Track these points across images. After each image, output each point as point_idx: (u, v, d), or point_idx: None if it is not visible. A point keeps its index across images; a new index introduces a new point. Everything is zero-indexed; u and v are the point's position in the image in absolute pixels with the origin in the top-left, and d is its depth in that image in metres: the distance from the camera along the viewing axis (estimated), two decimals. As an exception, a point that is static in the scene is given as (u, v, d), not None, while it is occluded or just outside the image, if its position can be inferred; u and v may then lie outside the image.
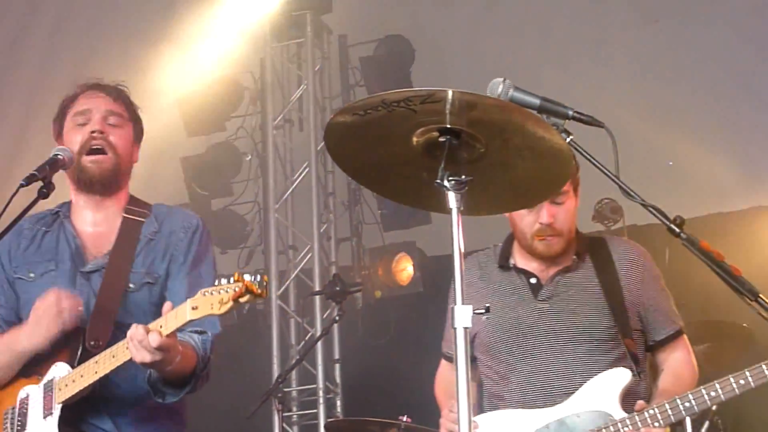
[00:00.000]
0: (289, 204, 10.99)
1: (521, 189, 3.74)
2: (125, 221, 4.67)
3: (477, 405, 4.98)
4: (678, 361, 5.01)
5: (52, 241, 4.70)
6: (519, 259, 5.10)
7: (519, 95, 3.51)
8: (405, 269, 10.32)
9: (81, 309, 4.38)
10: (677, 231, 3.29)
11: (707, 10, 10.03)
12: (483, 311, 3.34)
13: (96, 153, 4.59)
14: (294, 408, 10.37)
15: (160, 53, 10.70)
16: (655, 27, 10.29)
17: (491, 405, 4.98)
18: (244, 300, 3.88)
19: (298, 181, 10.87)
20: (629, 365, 4.76)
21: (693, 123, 9.89)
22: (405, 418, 6.67)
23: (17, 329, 4.48)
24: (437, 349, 5.38)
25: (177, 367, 4.23)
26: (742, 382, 4.49)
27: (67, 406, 4.32)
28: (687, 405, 4.57)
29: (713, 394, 4.53)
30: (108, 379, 4.31)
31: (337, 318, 7.83)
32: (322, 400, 10.18)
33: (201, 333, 4.45)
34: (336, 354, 10.38)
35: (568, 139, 3.44)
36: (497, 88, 3.52)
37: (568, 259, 5.01)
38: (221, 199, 11.13)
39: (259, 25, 10.96)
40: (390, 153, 3.54)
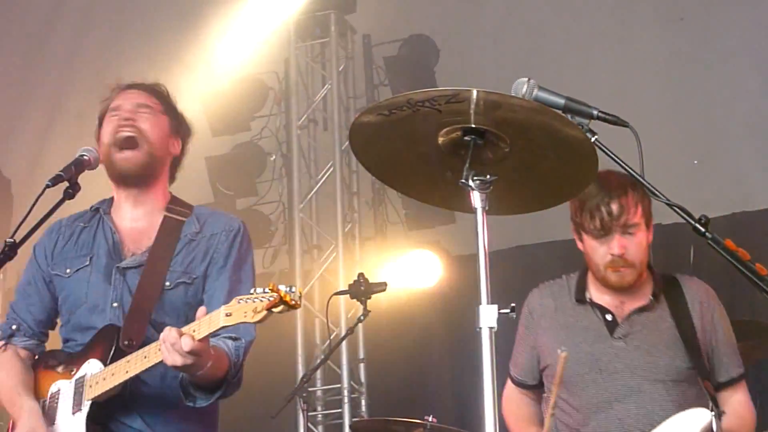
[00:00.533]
0: (314, 204, 10.99)
1: (546, 189, 3.74)
2: (166, 219, 4.68)
3: None
4: (740, 404, 5.03)
5: (89, 236, 4.71)
6: (594, 293, 5.09)
7: (544, 95, 3.51)
8: (429, 269, 10.30)
9: None
10: (702, 230, 3.29)
11: (732, 7, 10.00)
12: (508, 311, 3.34)
13: (127, 146, 4.60)
14: (319, 408, 10.36)
15: (184, 53, 10.72)
16: (680, 25, 10.25)
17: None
18: (277, 310, 3.89)
19: (322, 181, 10.86)
20: (708, 406, 4.73)
21: (718, 122, 9.86)
22: (431, 418, 6.65)
23: (23, 404, 4.50)
24: (462, 349, 5.36)
25: (208, 372, 4.23)
26: None
27: (97, 403, 4.34)
28: None
29: None
30: (140, 378, 4.34)
31: (362, 318, 7.82)
32: (347, 399, 10.17)
33: (235, 339, 4.45)
34: (361, 353, 10.37)
35: (593, 139, 3.43)
36: (522, 87, 3.51)
37: (644, 298, 5.03)
38: (246, 199, 11.14)
39: (284, 25, 10.96)
40: (414, 153, 3.55)
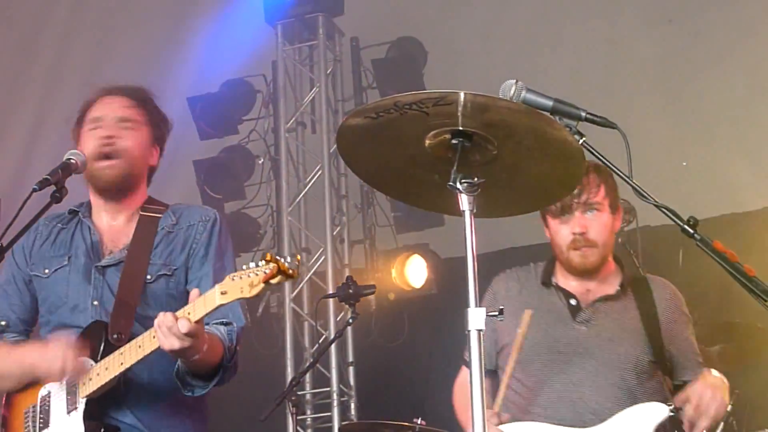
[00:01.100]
0: (302, 207, 10.98)
1: (534, 190, 3.74)
2: (142, 218, 4.71)
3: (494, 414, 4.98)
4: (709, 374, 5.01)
5: (66, 237, 4.74)
6: (560, 278, 5.14)
7: (532, 97, 3.50)
8: (418, 271, 10.30)
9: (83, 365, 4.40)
10: (691, 232, 3.28)
11: (720, 9, 10.01)
12: (496, 314, 3.34)
13: (106, 159, 4.61)
14: (308, 411, 10.35)
15: (172, 56, 10.71)
16: (668, 27, 10.28)
17: (512, 417, 4.99)
18: (275, 281, 3.88)
19: (310, 184, 10.86)
20: (663, 400, 4.78)
21: (706, 123, 9.87)
22: (419, 420, 6.65)
23: (34, 353, 4.50)
24: (451, 352, 5.36)
25: (204, 357, 4.25)
26: None
27: (91, 400, 4.35)
28: None
29: None
30: (130, 374, 4.35)
31: (351, 320, 7.81)
32: (336, 403, 10.16)
33: (227, 324, 4.47)
34: (350, 357, 10.36)
35: (581, 141, 3.43)
36: (510, 90, 3.50)
37: (611, 288, 5.06)
38: (234, 202, 11.12)
39: (271, 28, 10.95)
40: (402, 156, 3.54)
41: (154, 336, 4.13)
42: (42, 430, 4.42)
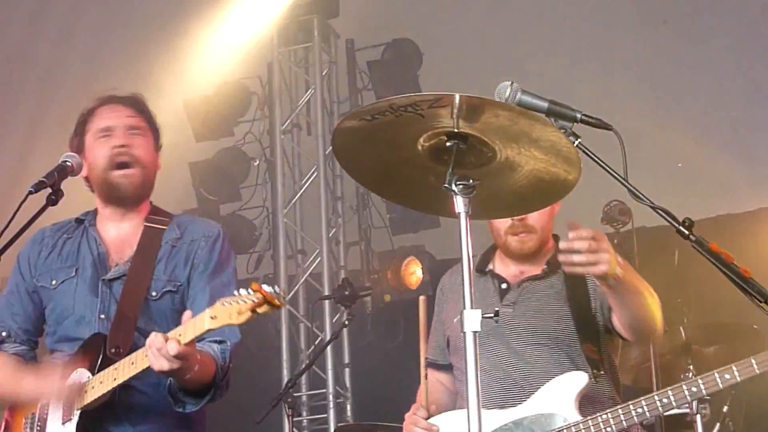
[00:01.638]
0: (298, 208, 10.99)
1: (530, 192, 3.73)
2: (146, 229, 4.69)
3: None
4: None
5: (73, 247, 4.73)
6: (498, 265, 5.15)
7: (527, 98, 3.49)
8: (414, 273, 10.31)
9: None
10: (686, 233, 3.28)
11: (715, 10, 10.03)
12: (491, 315, 3.35)
13: (124, 167, 4.61)
14: (304, 413, 10.36)
15: (167, 59, 10.71)
16: (663, 28, 10.29)
17: (459, 405, 5.01)
18: (261, 310, 3.90)
19: (306, 186, 10.87)
20: (586, 369, 4.78)
21: (701, 124, 9.89)
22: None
23: (28, 377, 4.50)
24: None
25: (196, 377, 4.25)
26: (694, 389, 4.57)
27: (86, 412, 4.34)
28: (639, 411, 4.61)
29: (665, 401, 4.59)
30: (130, 386, 4.35)
31: (347, 322, 7.82)
32: (332, 404, 10.17)
33: (220, 342, 4.46)
34: (346, 358, 10.38)
35: (576, 142, 3.43)
36: (505, 91, 3.50)
37: (539, 267, 5.04)
38: (230, 204, 11.13)
39: (266, 30, 10.96)
40: (398, 157, 3.54)
41: (146, 355, 4.14)
42: None
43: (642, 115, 9.61)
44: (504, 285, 5.03)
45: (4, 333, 4.73)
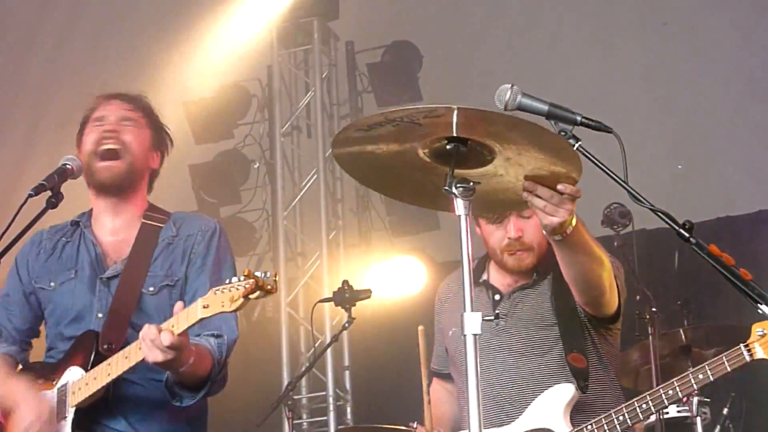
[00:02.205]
0: (298, 211, 10.98)
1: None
2: (143, 227, 4.69)
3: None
4: None
5: (72, 250, 4.72)
6: (493, 274, 5.11)
7: (527, 101, 3.49)
8: (414, 275, 10.30)
9: None
10: (686, 236, 3.28)
11: (715, 12, 10.03)
12: (492, 318, 3.34)
13: (109, 156, 4.60)
14: (304, 415, 10.35)
15: (167, 61, 10.71)
16: (663, 30, 10.29)
17: (462, 422, 5.01)
18: (254, 296, 3.90)
19: (306, 188, 10.86)
20: (571, 380, 4.76)
21: (701, 127, 9.89)
22: (415, 424, 6.63)
23: (18, 390, 4.50)
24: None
25: (191, 369, 4.25)
26: (670, 392, 4.57)
27: (81, 409, 4.35)
28: (621, 419, 4.59)
29: (644, 407, 4.57)
30: (126, 380, 4.35)
31: (347, 325, 7.81)
32: (332, 407, 10.16)
33: (218, 337, 4.46)
34: (346, 361, 10.37)
35: (576, 145, 3.42)
36: (505, 94, 3.49)
37: (529, 276, 5.02)
38: (229, 207, 11.12)
39: (266, 32, 10.96)
40: (400, 160, 3.54)
41: (140, 347, 4.13)
42: None
43: (642, 117, 9.62)
44: (497, 296, 5.01)
45: None
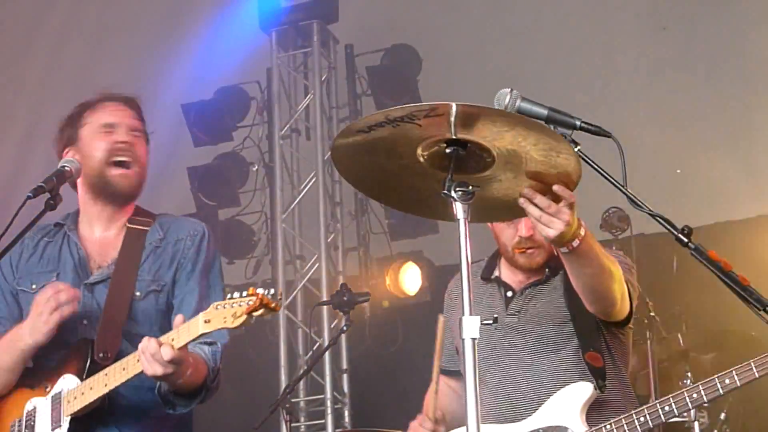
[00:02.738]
0: (297, 214, 10.97)
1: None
2: (129, 231, 4.67)
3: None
4: None
5: (54, 252, 4.69)
6: (504, 271, 5.09)
7: (526, 106, 3.49)
8: (413, 279, 10.30)
9: (79, 300, 4.41)
10: (685, 240, 3.28)
11: (714, 16, 10.03)
12: (491, 322, 3.33)
13: (123, 166, 4.60)
14: (302, 418, 10.33)
15: (166, 63, 10.71)
16: (663, 34, 10.29)
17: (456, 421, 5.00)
18: (257, 314, 3.89)
19: (305, 191, 10.85)
20: (590, 379, 4.74)
21: (700, 131, 9.89)
22: (413, 428, 6.63)
23: (18, 327, 4.48)
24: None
25: (188, 380, 4.24)
26: (695, 396, 4.58)
27: (75, 418, 4.32)
28: (642, 420, 4.59)
29: (667, 409, 4.57)
30: (115, 391, 4.31)
31: (345, 328, 7.81)
32: (330, 410, 10.15)
33: (211, 344, 4.45)
34: (344, 364, 10.36)
35: (575, 149, 3.42)
36: (505, 98, 3.50)
37: (541, 273, 5.01)
38: (228, 209, 11.11)
39: (266, 35, 10.95)
40: (398, 165, 3.54)
41: (138, 359, 4.12)
42: None
43: (641, 122, 9.62)
44: (509, 293, 4.99)
45: None
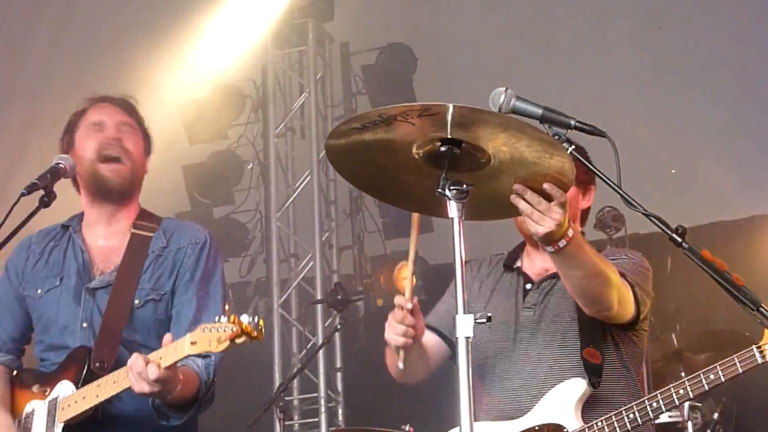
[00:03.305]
0: (291, 212, 10.98)
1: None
2: (133, 237, 4.64)
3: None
4: None
5: (59, 255, 4.68)
6: (526, 262, 5.04)
7: (521, 105, 3.48)
8: (406, 277, 10.29)
9: None
10: (679, 241, 3.27)
11: (710, 17, 10.04)
12: (484, 321, 3.33)
13: (112, 161, 4.59)
14: (296, 417, 10.34)
15: (161, 62, 10.70)
16: (659, 35, 10.30)
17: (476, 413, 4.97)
18: (240, 341, 3.88)
19: (299, 190, 10.86)
20: (584, 376, 4.70)
21: (695, 131, 9.90)
22: (407, 427, 6.65)
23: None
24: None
25: (178, 395, 4.22)
26: (681, 392, 4.54)
27: (69, 425, 4.32)
28: (631, 417, 4.58)
29: (655, 405, 4.56)
30: (113, 397, 4.30)
31: (339, 326, 7.82)
32: (323, 408, 10.16)
33: (205, 357, 4.43)
34: (338, 362, 10.36)
35: (569, 149, 3.42)
36: (499, 98, 3.49)
37: None
38: (223, 208, 11.13)
39: (261, 33, 10.95)
40: (393, 162, 3.53)
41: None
42: None
43: (636, 122, 9.63)
44: (528, 285, 4.94)
45: None
